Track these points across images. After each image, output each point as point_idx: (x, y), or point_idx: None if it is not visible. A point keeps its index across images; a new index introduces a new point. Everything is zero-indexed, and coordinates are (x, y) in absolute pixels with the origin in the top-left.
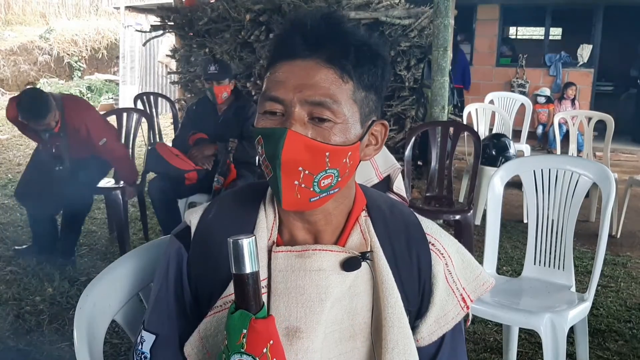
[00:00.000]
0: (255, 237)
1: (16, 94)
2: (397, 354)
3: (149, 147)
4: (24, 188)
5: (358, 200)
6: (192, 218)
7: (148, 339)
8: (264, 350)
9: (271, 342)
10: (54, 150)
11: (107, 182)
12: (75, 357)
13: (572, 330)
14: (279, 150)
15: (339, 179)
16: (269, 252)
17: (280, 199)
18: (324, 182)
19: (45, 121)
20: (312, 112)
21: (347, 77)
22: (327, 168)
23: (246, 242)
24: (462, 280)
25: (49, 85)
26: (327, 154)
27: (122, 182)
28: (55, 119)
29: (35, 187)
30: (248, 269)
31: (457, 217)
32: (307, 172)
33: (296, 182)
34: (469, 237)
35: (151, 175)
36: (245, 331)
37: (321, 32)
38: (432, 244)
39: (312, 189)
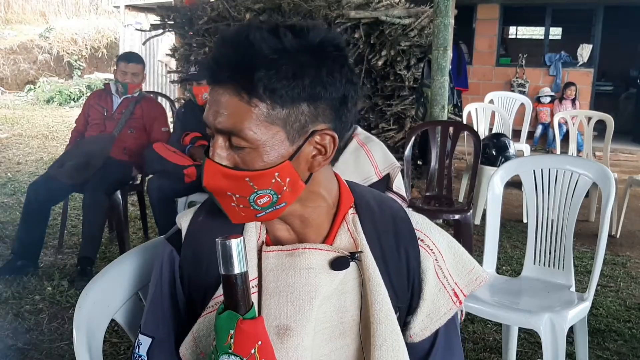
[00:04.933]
0: (244, 238)
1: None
2: (386, 350)
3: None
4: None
5: (344, 199)
6: (183, 221)
7: (144, 342)
8: (252, 351)
9: (259, 342)
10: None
11: None
12: (74, 356)
13: (571, 330)
14: (202, 179)
15: (279, 196)
16: (259, 252)
17: (227, 216)
18: (260, 201)
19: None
20: (228, 139)
21: (256, 100)
22: (255, 190)
23: (234, 243)
24: (454, 275)
25: (49, 84)
26: (246, 179)
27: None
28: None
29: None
30: (236, 270)
31: (457, 216)
32: (237, 195)
33: (233, 204)
34: (469, 236)
35: None
36: (232, 332)
37: (228, 58)
38: (421, 240)
39: (252, 208)
